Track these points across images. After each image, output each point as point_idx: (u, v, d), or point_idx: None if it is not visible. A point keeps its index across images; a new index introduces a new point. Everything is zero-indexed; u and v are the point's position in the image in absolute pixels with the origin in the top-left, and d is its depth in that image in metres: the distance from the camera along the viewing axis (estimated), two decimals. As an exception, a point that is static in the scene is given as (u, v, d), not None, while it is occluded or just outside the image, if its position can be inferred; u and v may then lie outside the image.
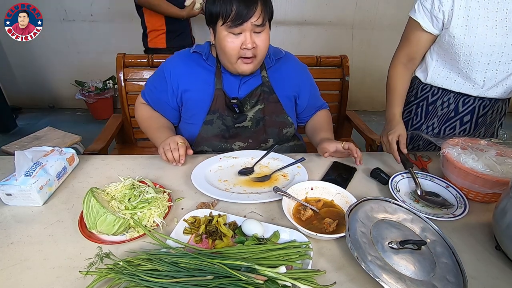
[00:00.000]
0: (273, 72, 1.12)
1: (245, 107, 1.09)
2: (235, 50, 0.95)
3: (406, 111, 1.25)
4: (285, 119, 1.14)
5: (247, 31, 0.93)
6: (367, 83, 3.59)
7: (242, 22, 0.90)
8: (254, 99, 1.09)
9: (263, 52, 1.00)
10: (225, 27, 0.92)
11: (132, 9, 2.25)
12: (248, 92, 1.09)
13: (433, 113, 1.16)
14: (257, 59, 1.00)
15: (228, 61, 1.00)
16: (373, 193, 0.90)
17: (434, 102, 1.15)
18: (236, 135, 1.11)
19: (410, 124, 1.23)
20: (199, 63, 1.09)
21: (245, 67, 1.00)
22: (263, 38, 0.97)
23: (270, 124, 1.12)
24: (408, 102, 1.23)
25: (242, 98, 1.08)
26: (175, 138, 0.96)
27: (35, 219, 0.75)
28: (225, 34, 0.94)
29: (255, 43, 0.95)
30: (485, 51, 0.94)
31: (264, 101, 1.11)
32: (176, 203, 0.82)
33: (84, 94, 3.14)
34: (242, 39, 0.94)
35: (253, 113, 1.10)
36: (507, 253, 0.66)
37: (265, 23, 0.95)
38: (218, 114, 1.08)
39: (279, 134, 1.14)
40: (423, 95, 1.17)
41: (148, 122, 1.14)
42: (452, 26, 0.95)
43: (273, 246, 0.64)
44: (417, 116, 1.20)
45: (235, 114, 1.09)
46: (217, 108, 1.07)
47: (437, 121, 1.16)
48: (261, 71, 1.10)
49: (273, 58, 1.12)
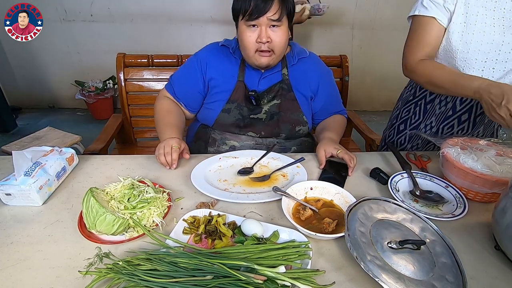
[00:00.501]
0: (294, 70, 1.16)
1: (262, 101, 1.13)
2: (251, 43, 1.01)
3: (405, 110, 1.25)
4: (299, 117, 1.16)
5: (263, 25, 0.98)
6: (367, 83, 3.59)
7: (258, 17, 0.96)
8: (271, 94, 1.14)
9: (280, 48, 1.04)
10: (244, 21, 0.99)
11: (132, 9, 2.25)
12: (267, 87, 1.14)
13: (431, 112, 1.16)
14: (276, 54, 1.04)
15: (246, 54, 1.06)
16: (372, 193, 0.90)
17: (432, 101, 1.15)
18: (250, 125, 1.15)
19: (408, 123, 1.24)
20: (227, 55, 1.16)
21: (262, 59, 1.04)
22: (279, 34, 1.00)
23: (285, 120, 1.15)
24: (407, 101, 1.24)
25: (260, 92, 1.13)
26: (170, 142, 0.97)
27: (34, 219, 0.75)
28: (244, 28, 1.00)
29: (270, 38, 0.99)
30: (482, 49, 0.94)
31: (281, 98, 1.14)
32: (175, 203, 0.82)
33: (84, 94, 3.14)
34: (258, 33, 0.99)
35: (268, 107, 1.14)
36: (507, 253, 0.66)
37: (282, 19, 0.98)
38: (236, 104, 1.13)
39: (292, 130, 1.17)
40: (421, 94, 1.17)
41: (163, 115, 1.16)
42: (452, 22, 0.94)
43: (273, 246, 0.64)
44: (415, 115, 1.21)
45: (251, 106, 1.13)
46: (236, 98, 1.13)
47: (435, 120, 1.16)
48: (282, 68, 1.15)
49: (296, 57, 1.16)
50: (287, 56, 1.15)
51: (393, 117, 1.32)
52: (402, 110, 1.26)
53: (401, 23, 1.09)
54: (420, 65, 0.99)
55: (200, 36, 3.19)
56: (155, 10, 3.04)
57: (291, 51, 1.17)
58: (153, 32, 3.16)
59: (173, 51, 1.42)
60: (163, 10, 3.05)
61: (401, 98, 1.30)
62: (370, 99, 3.70)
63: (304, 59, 1.18)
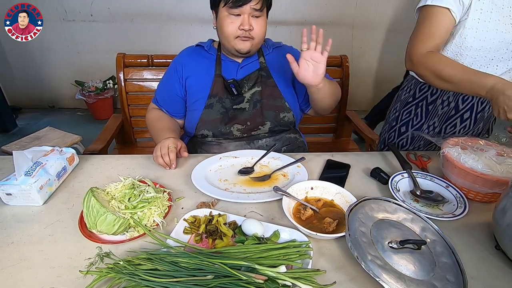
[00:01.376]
0: (271, 58, 1.19)
1: (243, 89, 1.14)
2: (233, 30, 1.03)
3: (405, 112, 1.24)
4: (282, 104, 1.16)
5: (245, 13, 1.00)
6: (367, 83, 3.59)
7: (242, 5, 0.98)
8: (251, 82, 1.14)
9: (260, 36, 1.07)
10: (226, 8, 1.00)
11: (132, 9, 2.25)
12: (245, 75, 1.15)
13: (434, 113, 1.15)
14: (255, 41, 1.07)
15: (226, 40, 1.07)
16: (373, 192, 0.90)
17: (434, 102, 1.14)
18: (234, 117, 1.14)
19: (410, 125, 1.23)
20: (201, 54, 1.18)
21: (242, 44, 1.06)
22: (260, 22, 1.05)
23: (267, 107, 1.15)
24: (406, 103, 1.23)
25: (239, 79, 1.14)
26: (165, 143, 0.98)
27: (35, 218, 0.75)
28: (225, 15, 1.02)
29: (252, 26, 1.02)
30: (493, 47, 0.93)
31: (262, 84, 1.15)
32: (176, 203, 0.82)
33: (84, 94, 3.14)
34: (241, 20, 1.01)
35: (250, 94, 1.14)
36: (507, 253, 0.66)
37: (263, 9, 1.02)
38: (217, 98, 1.13)
39: (276, 117, 1.16)
40: (422, 95, 1.17)
41: (154, 124, 1.19)
42: (470, 18, 0.92)
43: (273, 246, 0.64)
44: (417, 117, 1.20)
45: (233, 96, 1.13)
46: (217, 92, 1.13)
47: (437, 121, 1.16)
48: (259, 57, 1.17)
49: (270, 47, 1.21)
50: (262, 47, 1.19)
51: (391, 119, 1.30)
52: (402, 112, 1.25)
53: (401, 23, 1.09)
54: (429, 57, 0.94)
55: (200, 36, 3.16)
56: (155, 10, 3.04)
57: (265, 43, 1.21)
58: (153, 32, 3.16)
59: (173, 51, 1.41)
60: (163, 10, 3.05)
61: (398, 99, 1.28)
62: (370, 99, 3.70)
63: (279, 48, 1.22)
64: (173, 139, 1.00)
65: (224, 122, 1.14)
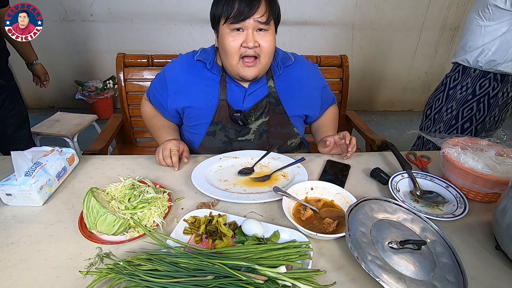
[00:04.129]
0: (281, 82, 1.06)
1: (249, 120, 1.04)
2: (235, 48, 0.91)
3: (466, 110, 1.35)
4: (290, 130, 1.11)
5: (249, 28, 0.89)
6: (367, 83, 3.59)
7: (244, 18, 0.87)
8: (259, 111, 1.04)
9: (267, 55, 0.94)
10: (227, 24, 0.89)
11: (132, 9, 2.25)
12: (253, 104, 1.04)
13: (495, 105, 1.29)
14: (261, 62, 0.94)
15: (229, 62, 0.95)
16: (373, 193, 0.90)
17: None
18: (238, 149, 1.07)
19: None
20: (203, 73, 1.03)
21: (247, 71, 0.94)
22: (267, 39, 0.91)
23: (275, 136, 1.09)
24: (466, 101, 1.34)
25: (246, 110, 1.03)
26: (167, 145, 0.96)
27: (35, 219, 0.75)
28: (226, 32, 0.90)
29: (257, 42, 0.90)
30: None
31: (270, 113, 1.06)
32: (176, 203, 0.82)
33: (84, 94, 3.14)
34: (244, 36, 0.90)
35: (257, 126, 1.06)
36: (507, 253, 0.66)
37: (270, 22, 0.91)
38: (221, 126, 1.04)
39: (283, 145, 1.12)
40: (484, 91, 1.28)
41: (152, 121, 1.14)
42: None
43: (273, 246, 0.64)
44: (480, 111, 1.32)
45: (238, 127, 1.05)
46: (220, 119, 1.03)
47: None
48: (267, 80, 1.04)
49: (281, 66, 1.06)
50: (272, 66, 1.04)
51: (446, 118, 1.40)
52: (462, 110, 1.35)
53: (401, 23, 1.09)
54: None
55: (200, 36, 3.19)
56: (155, 10, 3.05)
57: (275, 60, 1.06)
58: (153, 32, 3.16)
59: (173, 51, 1.41)
60: (163, 10, 3.05)
61: (451, 99, 1.38)
62: (370, 99, 3.70)
63: (290, 67, 1.08)
64: (175, 142, 0.98)
65: (227, 151, 1.05)
